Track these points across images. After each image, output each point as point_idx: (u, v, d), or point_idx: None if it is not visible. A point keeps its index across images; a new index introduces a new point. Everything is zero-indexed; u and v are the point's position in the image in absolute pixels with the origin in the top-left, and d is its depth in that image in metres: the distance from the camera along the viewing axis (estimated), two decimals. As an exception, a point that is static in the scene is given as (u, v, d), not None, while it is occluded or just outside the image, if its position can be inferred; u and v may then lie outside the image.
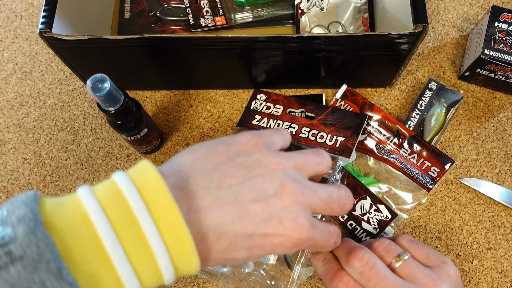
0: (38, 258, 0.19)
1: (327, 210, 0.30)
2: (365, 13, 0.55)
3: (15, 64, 0.56)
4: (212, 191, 0.26)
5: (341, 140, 0.48)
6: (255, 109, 0.51)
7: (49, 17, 0.40)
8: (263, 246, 0.27)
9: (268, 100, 0.51)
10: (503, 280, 0.45)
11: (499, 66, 0.48)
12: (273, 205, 0.26)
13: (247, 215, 0.26)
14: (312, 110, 0.50)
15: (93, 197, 0.22)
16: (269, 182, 0.27)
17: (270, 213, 0.26)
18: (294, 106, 0.51)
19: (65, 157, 0.51)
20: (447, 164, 0.47)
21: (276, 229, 0.26)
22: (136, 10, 0.56)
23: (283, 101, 0.51)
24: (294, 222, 0.27)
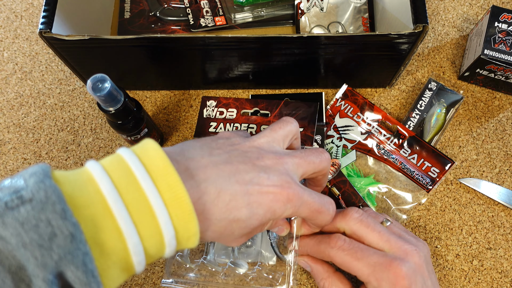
0: (45, 200, 0.21)
1: (308, 167, 0.33)
2: (365, 13, 0.55)
3: (15, 64, 0.56)
4: (206, 156, 0.29)
5: (300, 130, 0.46)
6: (208, 116, 0.50)
7: (49, 17, 0.40)
8: (261, 203, 0.29)
9: (219, 105, 0.51)
10: (503, 280, 0.45)
11: (499, 66, 0.48)
12: (259, 165, 0.30)
13: (240, 173, 0.29)
14: (265, 108, 0.50)
15: (98, 164, 0.25)
16: (250, 153, 0.31)
17: (258, 170, 0.29)
18: (246, 106, 0.50)
19: (65, 157, 0.51)
20: (447, 165, 0.47)
21: (267, 184, 0.29)
22: (136, 10, 0.56)
23: (234, 103, 0.50)
24: (279, 177, 0.30)
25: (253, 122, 0.49)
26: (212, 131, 0.50)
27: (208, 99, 0.51)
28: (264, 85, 0.53)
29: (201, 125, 0.50)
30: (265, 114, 0.50)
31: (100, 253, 0.22)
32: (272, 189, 0.29)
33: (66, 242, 0.21)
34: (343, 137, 0.50)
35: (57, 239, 0.21)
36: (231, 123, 0.50)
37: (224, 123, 0.50)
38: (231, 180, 0.28)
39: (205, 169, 0.28)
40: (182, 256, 0.43)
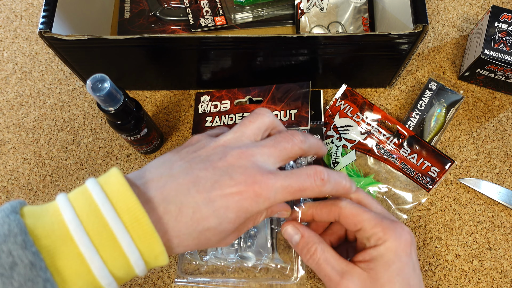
0: (8, 233, 0.23)
1: (280, 154, 0.32)
2: (365, 13, 0.55)
3: (15, 64, 0.56)
4: (165, 173, 0.29)
5: (294, 112, 0.48)
6: (204, 111, 0.50)
7: (49, 17, 0.40)
8: (228, 206, 0.28)
9: (213, 99, 0.51)
10: (503, 280, 0.45)
11: (499, 66, 0.48)
12: (221, 167, 0.29)
13: (200, 181, 0.28)
14: (257, 94, 0.50)
15: (65, 195, 0.26)
16: (214, 155, 0.30)
17: (220, 173, 0.29)
18: (239, 96, 0.50)
19: (65, 157, 0.51)
20: (447, 164, 0.47)
21: (229, 185, 0.28)
22: (136, 10, 0.56)
23: (227, 95, 0.50)
24: (243, 174, 0.29)
25: (247, 111, 0.49)
26: (209, 126, 0.49)
27: (201, 95, 0.51)
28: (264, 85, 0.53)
29: (197, 122, 0.50)
30: (258, 101, 0.50)
31: (62, 279, 0.23)
32: (236, 189, 0.28)
33: (26, 270, 0.22)
34: (343, 137, 0.50)
35: (18, 267, 0.22)
36: (226, 115, 0.49)
37: (219, 116, 0.50)
38: (191, 192, 0.28)
39: (163, 188, 0.28)
40: (192, 254, 0.44)
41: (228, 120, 0.49)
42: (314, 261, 0.35)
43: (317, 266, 0.35)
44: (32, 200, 0.49)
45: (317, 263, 0.35)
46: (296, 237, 0.37)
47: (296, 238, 0.37)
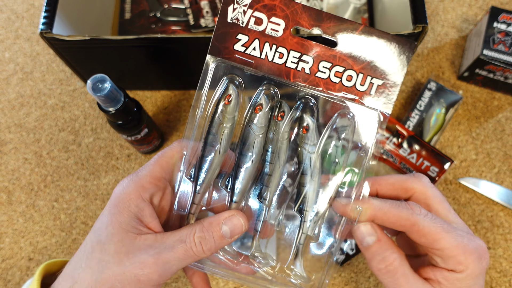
0: None
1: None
2: (365, 14, 0.55)
3: (16, 64, 0.56)
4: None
5: (379, 84, 0.32)
6: (236, 21, 0.30)
7: (50, 17, 0.41)
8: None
9: (255, 5, 0.30)
10: (501, 280, 0.45)
11: (498, 67, 0.49)
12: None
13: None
14: (332, 30, 0.31)
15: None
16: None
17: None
18: (303, 21, 0.31)
19: (66, 157, 0.51)
20: (446, 164, 0.47)
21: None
22: (136, 11, 0.57)
23: (283, 9, 0.31)
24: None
25: (308, 53, 0.31)
26: (240, 51, 0.31)
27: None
28: (264, 85, 0.53)
29: (222, 35, 0.30)
30: (330, 41, 0.31)
31: None
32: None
33: None
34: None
35: None
36: (274, 44, 0.31)
37: (261, 39, 0.30)
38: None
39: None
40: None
41: (275, 57, 0.31)
42: (391, 272, 0.31)
43: (393, 279, 0.31)
44: (33, 200, 0.49)
45: (394, 276, 0.31)
46: (370, 239, 0.32)
47: (369, 240, 0.32)
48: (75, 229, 0.48)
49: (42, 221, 0.48)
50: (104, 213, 0.30)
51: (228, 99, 0.31)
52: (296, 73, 0.31)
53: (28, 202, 0.49)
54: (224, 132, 0.31)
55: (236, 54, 0.30)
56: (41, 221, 0.48)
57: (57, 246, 0.47)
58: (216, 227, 0.30)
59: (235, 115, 0.31)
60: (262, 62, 0.31)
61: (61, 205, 0.49)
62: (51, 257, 0.47)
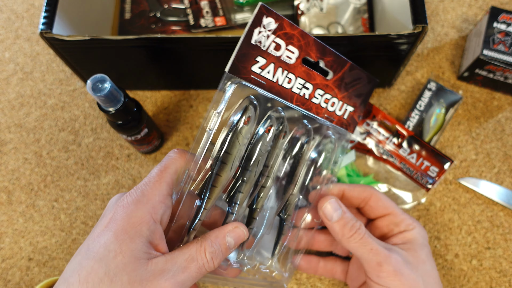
0: None
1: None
2: (365, 14, 0.55)
3: (16, 64, 0.56)
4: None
5: (350, 110, 0.39)
6: (258, 44, 0.31)
7: (50, 17, 0.41)
8: None
9: (278, 31, 0.32)
10: (501, 280, 0.45)
11: (498, 67, 0.49)
12: None
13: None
14: (331, 64, 0.36)
15: None
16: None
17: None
18: (312, 52, 0.35)
19: (65, 157, 0.51)
20: (446, 164, 0.47)
21: None
22: (136, 11, 0.57)
23: (299, 40, 0.33)
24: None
25: (310, 81, 0.35)
26: (257, 73, 0.32)
27: (267, 14, 0.32)
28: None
29: (243, 56, 0.31)
30: (325, 71, 0.37)
31: None
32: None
33: None
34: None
35: None
36: (286, 70, 0.33)
37: (276, 65, 0.33)
38: None
39: None
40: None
41: (285, 82, 0.33)
42: (359, 236, 0.36)
43: (363, 240, 0.36)
44: (33, 200, 0.49)
45: (363, 238, 0.36)
46: (336, 214, 0.37)
47: (336, 216, 0.37)
48: (75, 229, 0.48)
49: (42, 221, 0.48)
50: (108, 237, 0.27)
51: (248, 120, 0.32)
52: (298, 98, 0.35)
53: (28, 202, 0.49)
54: (238, 151, 0.32)
55: (252, 74, 0.32)
56: (41, 221, 0.48)
57: (57, 246, 0.47)
58: (223, 240, 0.31)
59: (249, 136, 0.32)
60: (273, 85, 0.33)
61: (61, 205, 0.49)
62: (51, 257, 0.47)
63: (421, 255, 0.36)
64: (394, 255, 0.35)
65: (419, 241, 0.37)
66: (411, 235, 0.38)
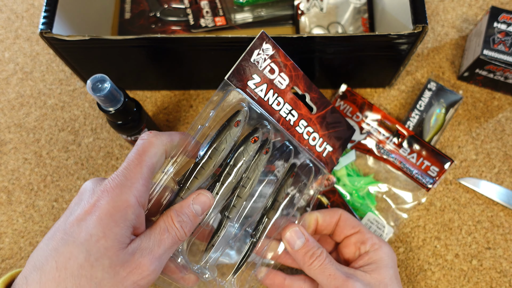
0: None
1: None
2: (365, 14, 0.55)
3: (16, 64, 0.56)
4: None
5: (329, 150, 0.41)
6: (256, 63, 0.35)
7: (50, 17, 0.41)
8: None
9: (274, 59, 0.36)
10: (502, 280, 0.45)
11: (498, 67, 0.49)
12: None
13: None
14: (316, 100, 0.40)
15: None
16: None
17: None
18: (300, 84, 0.38)
19: (65, 157, 0.51)
20: (447, 164, 0.47)
21: None
22: (136, 11, 0.57)
23: (291, 70, 0.37)
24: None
25: (296, 110, 0.38)
26: (251, 88, 0.35)
27: (265, 40, 0.36)
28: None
29: (242, 69, 0.35)
30: (310, 107, 0.40)
31: None
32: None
33: None
34: None
35: None
36: (276, 93, 0.37)
37: (268, 86, 0.36)
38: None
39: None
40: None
41: (274, 104, 0.37)
42: (319, 262, 0.36)
43: (322, 266, 0.36)
44: (33, 200, 0.49)
45: (323, 264, 0.36)
46: (299, 242, 0.38)
47: (299, 243, 0.37)
48: (75, 229, 0.48)
49: (42, 221, 0.48)
50: (91, 222, 0.26)
51: (238, 123, 0.34)
52: (284, 122, 0.38)
53: (28, 202, 0.49)
54: (224, 151, 0.33)
55: (247, 88, 0.35)
56: (40, 221, 0.48)
57: (57, 246, 0.47)
58: (188, 208, 0.31)
59: (236, 139, 0.35)
60: (264, 103, 0.36)
61: (61, 205, 0.49)
62: (51, 257, 0.47)
63: (384, 278, 0.36)
64: (352, 281, 0.35)
65: (384, 262, 0.37)
66: (376, 255, 0.37)
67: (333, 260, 0.37)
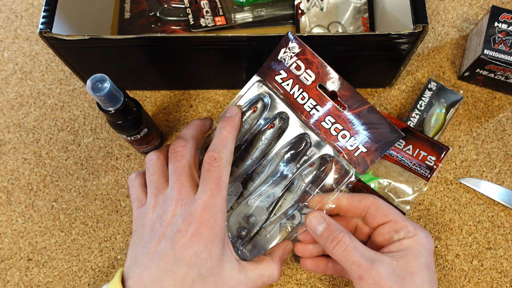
0: None
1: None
2: (365, 13, 0.55)
3: (16, 64, 0.56)
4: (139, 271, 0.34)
5: (363, 151, 0.40)
6: (283, 60, 0.40)
7: (49, 17, 0.41)
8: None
9: (300, 56, 0.40)
10: (502, 280, 0.45)
11: (499, 66, 0.48)
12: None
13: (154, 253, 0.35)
14: (346, 98, 0.40)
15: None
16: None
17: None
18: (326, 80, 0.40)
19: (65, 157, 0.51)
20: (443, 152, 0.47)
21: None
22: (136, 10, 0.56)
23: (317, 67, 0.40)
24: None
25: (322, 105, 0.40)
26: (278, 81, 0.40)
27: (294, 39, 0.40)
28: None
29: (270, 66, 0.40)
30: (341, 104, 0.40)
31: None
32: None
33: None
34: None
35: None
36: (301, 88, 0.40)
37: (294, 82, 0.40)
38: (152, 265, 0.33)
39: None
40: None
41: (299, 97, 0.40)
42: (342, 247, 0.36)
43: (345, 252, 0.35)
44: (32, 200, 0.49)
45: (346, 250, 0.35)
46: (321, 227, 0.38)
47: (321, 228, 0.38)
48: (74, 230, 0.48)
49: (41, 221, 0.48)
50: (198, 247, 0.33)
51: (255, 110, 0.40)
52: (308, 115, 0.40)
53: (27, 202, 0.49)
54: (240, 133, 0.40)
55: (274, 82, 0.41)
56: (40, 221, 0.48)
57: (56, 246, 0.47)
58: (282, 258, 0.40)
59: (251, 123, 0.41)
60: (289, 96, 0.41)
61: (61, 205, 0.49)
62: (50, 257, 0.47)
63: (412, 266, 0.35)
64: (377, 267, 0.34)
65: (414, 250, 0.36)
66: (408, 243, 0.36)
67: (358, 245, 0.36)
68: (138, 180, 0.39)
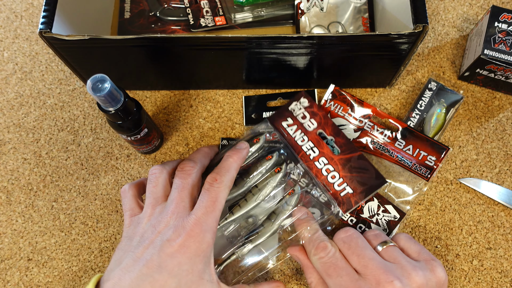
0: None
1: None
2: (365, 13, 0.55)
3: (15, 64, 0.56)
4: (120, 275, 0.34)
5: (349, 192, 0.45)
6: (292, 111, 0.48)
7: (49, 17, 0.41)
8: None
9: (308, 108, 0.48)
10: (502, 280, 0.45)
11: (499, 66, 0.48)
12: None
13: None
14: (341, 144, 0.47)
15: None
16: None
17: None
18: (328, 129, 0.47)
19: (65, 157, 0.51)
20: (443, 152, 0.47)
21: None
22: (136, 10, 0.56)
23: (321, 118, 0.48)
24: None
25: (318, 148, 0.46)
26: (284, 127, 0.48)
27: (304, 96, 0.49)
28: (263, 85, 0.53)
29: (280, 113, 0.49)
30: (335, 149, 0.47)
31: None
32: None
33: None
34: None
35: None
36: (303, 132, 0.47)
37: (297, 127, 0.48)
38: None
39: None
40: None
41: (299, 140, 0.47)
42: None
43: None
44: (32, 200, 0.49)
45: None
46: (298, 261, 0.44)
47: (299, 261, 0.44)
48: (74, 230, 0.48)
49: (41, 221, 0.48)
50: (182, 259, 0.33)
51: (256, 141, 0.45)
52: (304, 155, 0.47)
53: (27, 202, 0.49)
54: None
55: (280, 127, 0.48)
56: (40, 221, 0.48)
57: (56, 246, 0.47)
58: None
59: (254, 154, 0.46)
60: (290, 138, 0.48)
61: (61, 205, 0.49)
62: (50, 257, 0.47)
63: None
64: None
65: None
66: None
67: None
68: (131, 191, 0.40)
